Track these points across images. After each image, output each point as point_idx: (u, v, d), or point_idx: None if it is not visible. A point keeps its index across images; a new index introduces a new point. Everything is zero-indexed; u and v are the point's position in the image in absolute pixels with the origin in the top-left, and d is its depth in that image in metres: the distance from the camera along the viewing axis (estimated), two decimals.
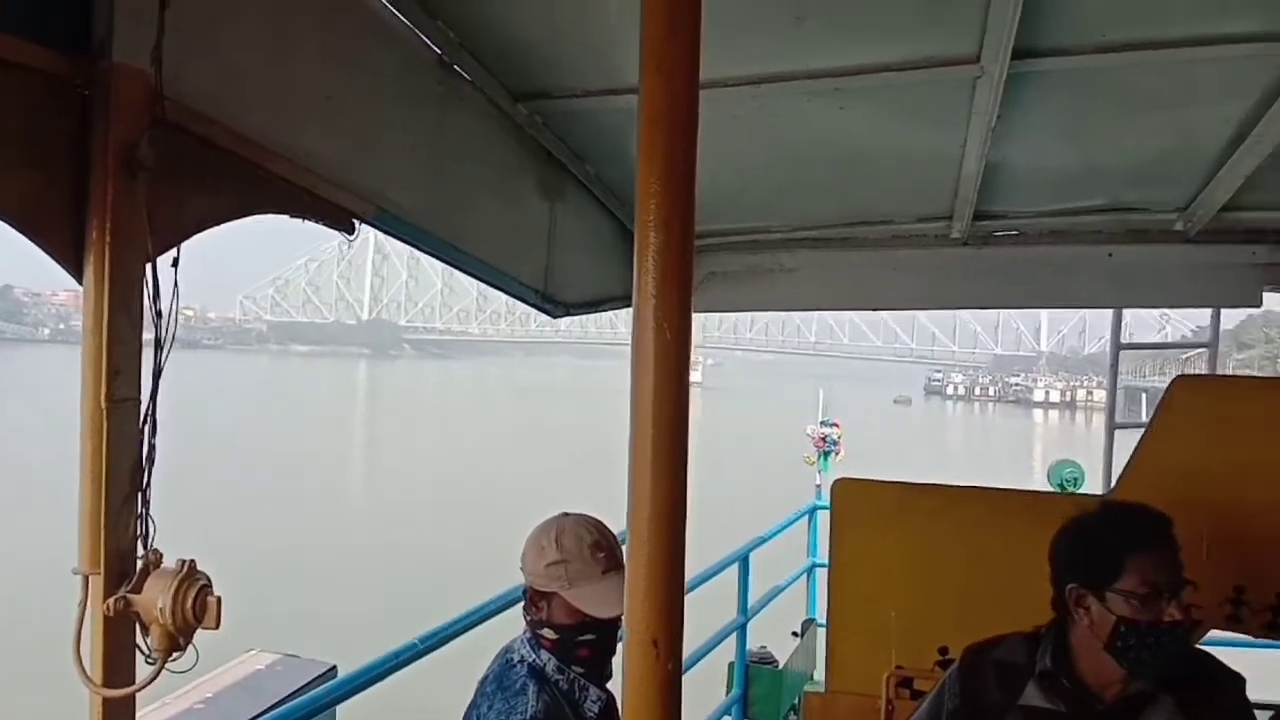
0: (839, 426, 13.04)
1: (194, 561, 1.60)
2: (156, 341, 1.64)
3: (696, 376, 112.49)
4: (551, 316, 3.64)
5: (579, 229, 3.71)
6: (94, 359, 1.58)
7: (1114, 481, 4.18)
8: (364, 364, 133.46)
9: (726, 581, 6.08)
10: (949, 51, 2.80)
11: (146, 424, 1.63)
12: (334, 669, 6.01)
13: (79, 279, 1.59)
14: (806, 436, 12.81)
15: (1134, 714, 2.05)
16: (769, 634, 6.91)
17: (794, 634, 7.11)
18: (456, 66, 2.73)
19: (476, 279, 3.18)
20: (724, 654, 6.23)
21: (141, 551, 1.62)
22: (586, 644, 2.19)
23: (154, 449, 1.64)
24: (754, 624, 6.42)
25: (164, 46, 1.61)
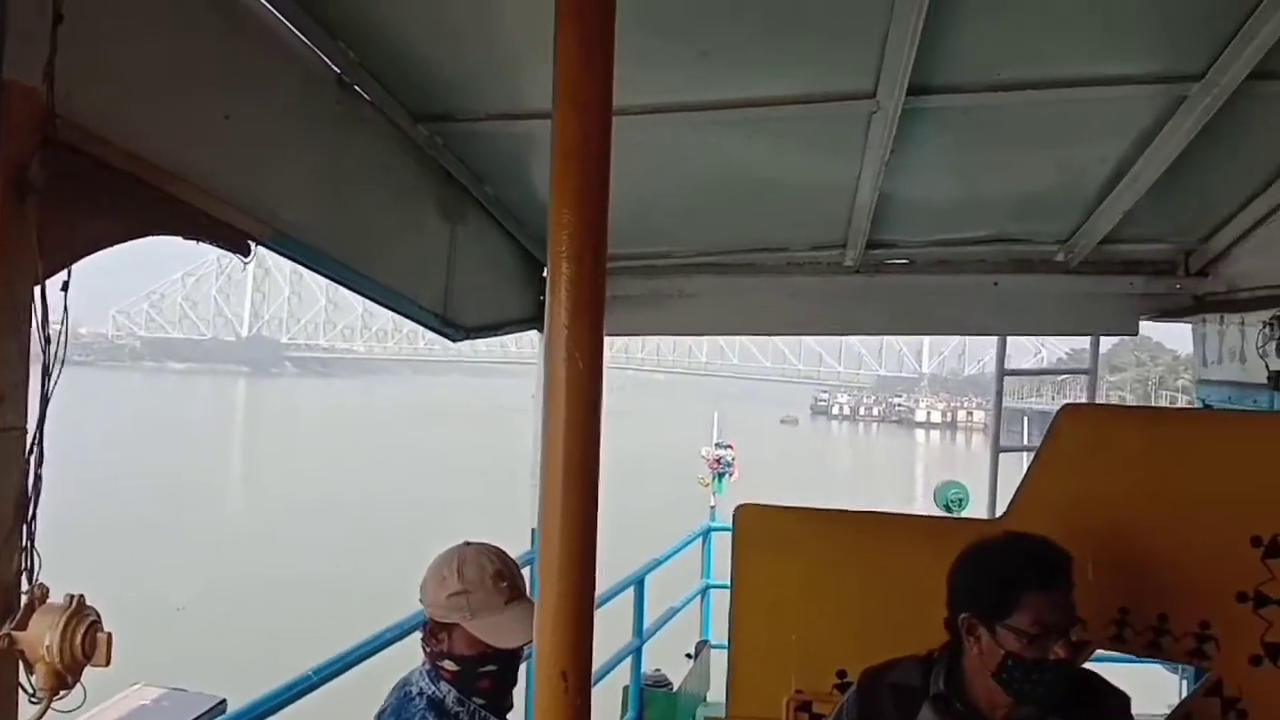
0: (733, 448, 13.14)
1: (83, 597, 1.53)
2: (44, 368, 1.57)
3: None
4: (451, 340, 3.59)
5: (479, 251, 3.68)
6: None
7: (999, 503, 4.33)
8: (243, 382, 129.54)
9: (622, 603, 6.08)
10: (847, 87, 2.88)
11: (33, 453, 1.56)
12: (224, 703, 5.80)
13: None
14: (701, 458, 12.88)
15: None
16: (663, 656, 6.92)
17: (688, 656, 7.13)
18: (356, 86, 2.69)
19: (376, 303, 3.12)
20: (620, 677, 6.23)
21: (26, 586, 1.54)
22: (488, 675, 2.16)
23: (40, 479, 1.56)
24: (648, 646, 6.43)
25: (56, 64, 1.54)
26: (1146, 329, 4.63)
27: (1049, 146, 3.41)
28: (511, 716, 2.27)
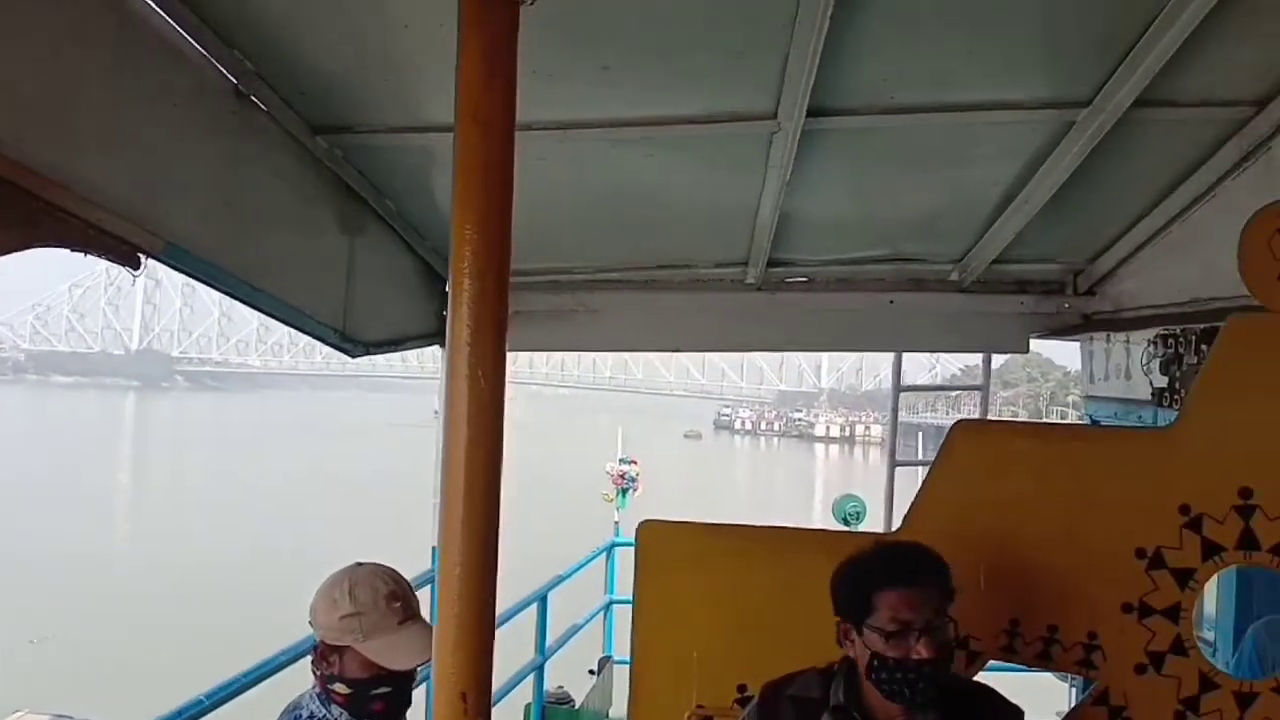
0: (637, 463, 13.18)
1: None
2: None
3: None
4: (350, 355, 3.52)
5: (380, 266, 3.61)
6: None
7: (895, 516, 4.41)
8: (132, 396, 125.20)
9: (525, 620, 6.03)
10: (748, 107, 2.92)
11: None
12: None
13: None
14: (606, 474, 12.89)
15: None
16: (567, 673, 6.89)
17: (591, 672, 7.11)
18: (253, 97, 2.61)
19: (271, 317, 3.04)
20: (523, 695, 6.17)
21: None
22: (381, 697, 2.12)
23: None
24: (552, 663, 6.39)
25: None
26: (1037, 346, 4.79)
27: (943, 168, 3.51)
28: None
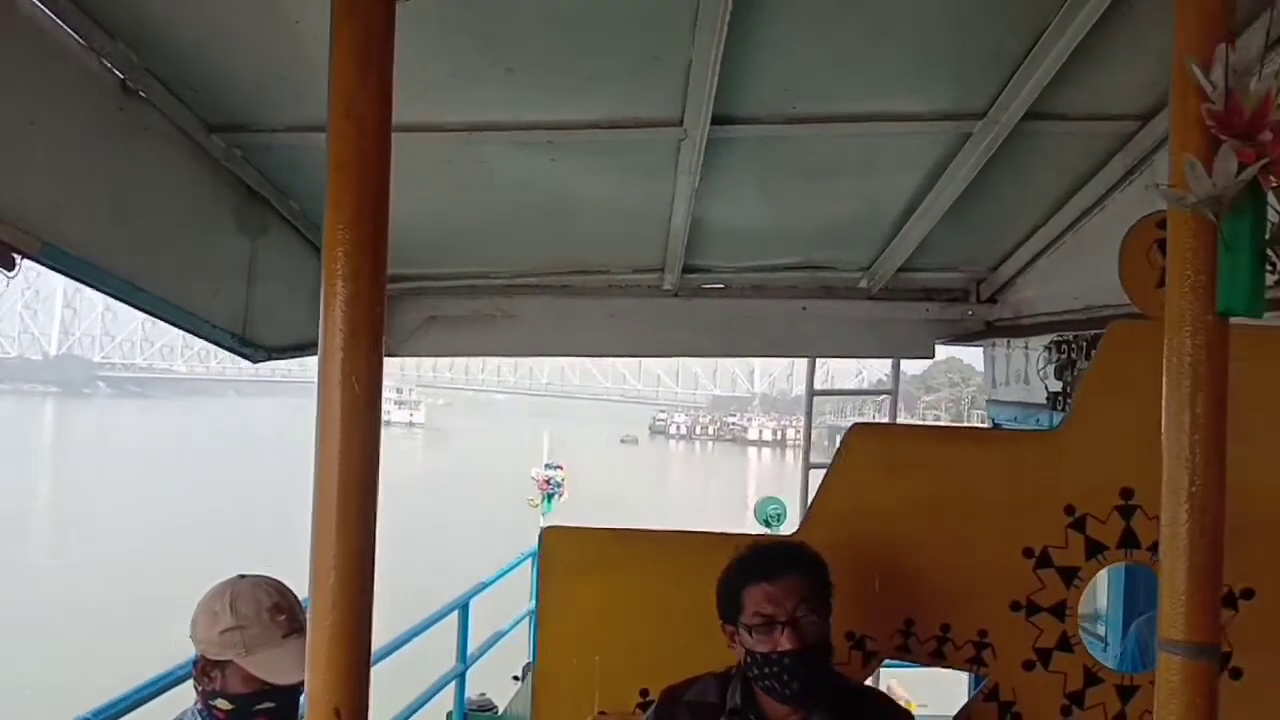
0: (563, 469, 13.18)
1: None
2: None
3: (420, 417, 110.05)
4: (251, 361, 3.46)
5: (283, 268, 3.55)
6: None
7: None
8: (51, 403, 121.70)
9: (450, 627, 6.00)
10: (654, 113, 2.94)
11: None
12: None
13: None
14: (531, 479, 12.87)
15: None
16: (492, 680, 6.85)
17: (515, 678, 7.09)
18: (142, 93, 2.54)
19: (163, 321, 2.96)
20: (445, 702, 6.13)
21: None
22: (265, 712, 2.08)
23: None
24: (475, 671, 6.36)
25: None
26: (956, 353, 4.89)
27: (848, 177, 3.57)
28: None
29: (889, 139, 3.20)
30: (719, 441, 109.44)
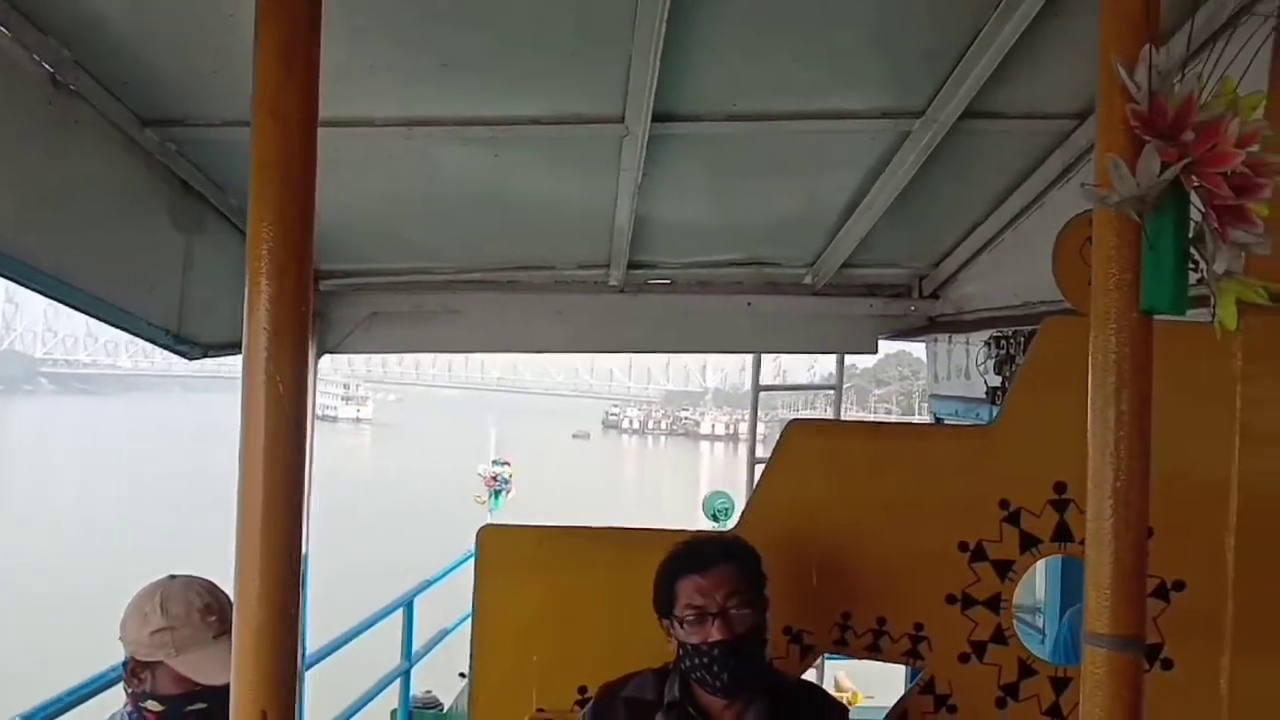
0: (510, 465, 13.15)
1: None
2: None
3: (367, 413, 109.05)
4: (187, 358, 3.40)
5: (220, 264, 3.49)
6: None
7: None
8: None
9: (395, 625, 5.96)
10: (595, 110, 2.93)
11: None
12: None
13: None
14: (479, 476, 12.82)
15: None
16: (438, 677, 6.81)
17: (461, 675, 7.04)
18: (73, 86, 2.49)
19: (95, 318, 2.91)
20: (389, 700, 6.10)
21: None
22: (196, 714, 2.05)
23: None
24: (421, 668, 6.32)
25: None
26: (902, 347, 4.94)
27: (791, 174, 3.58)
28: None
29: (830, 136, 3.21)
30: (672, 436, 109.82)
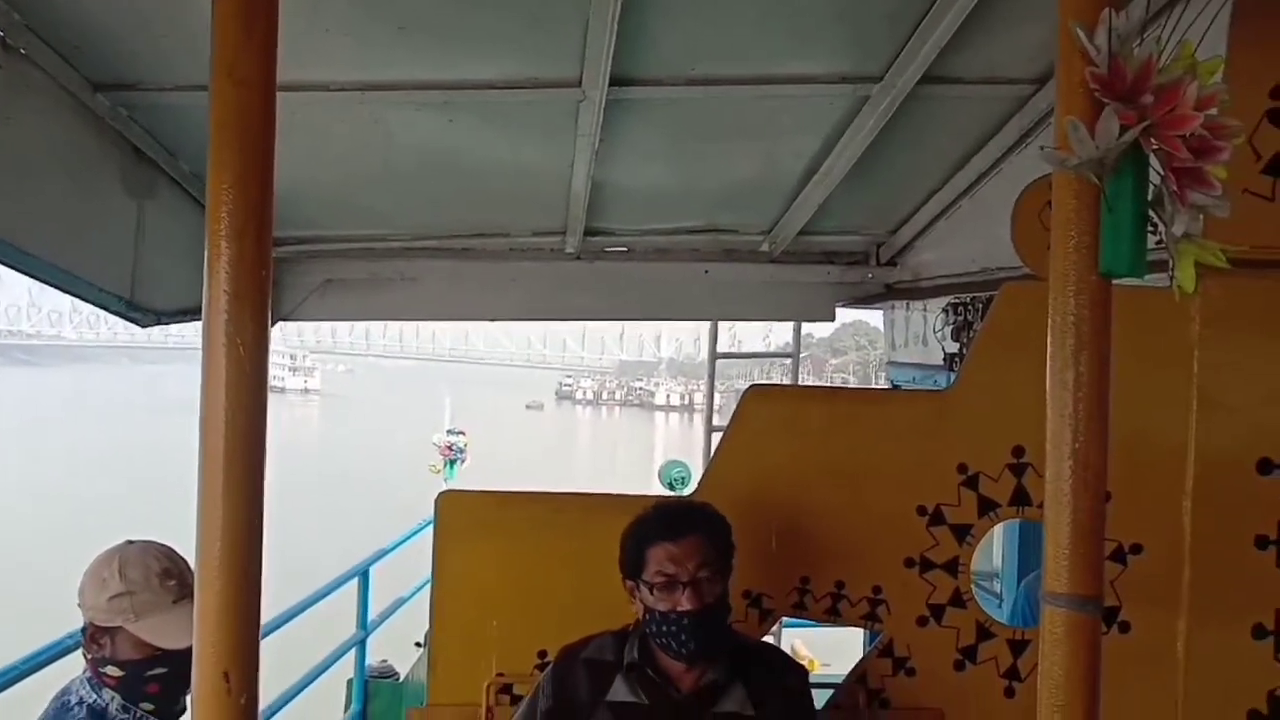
0: (465, 435, 13.12)
1: None
2: None
3: (315, 384, 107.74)
4: (140, 325, 3.35)
5: (173, 231, 3.43)
6: None
7: None
8: None
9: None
10: (552, 74, 2.90)
11: None
12: None
13: None
14: (433, 445, 12.77)
15: (709, 702, 2.21)
16: (394, 646, 6.80)
17: (417, 645, 7.03)
18: (23, 50, 2.43)
19: (46, 284, 2.86)
20: (345, 670, 6.07)
21: None
22: (156, 679, 2.04)
23: None
24: (377, 638, 6.30)
25: None
26: (859, 316, 4.98)
27: (750, 140, 3.57)
28: None
29: (788, 101, 3.21)
30: (626, 407, 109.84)
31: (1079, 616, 1.41)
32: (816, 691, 2.43)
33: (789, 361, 6.05)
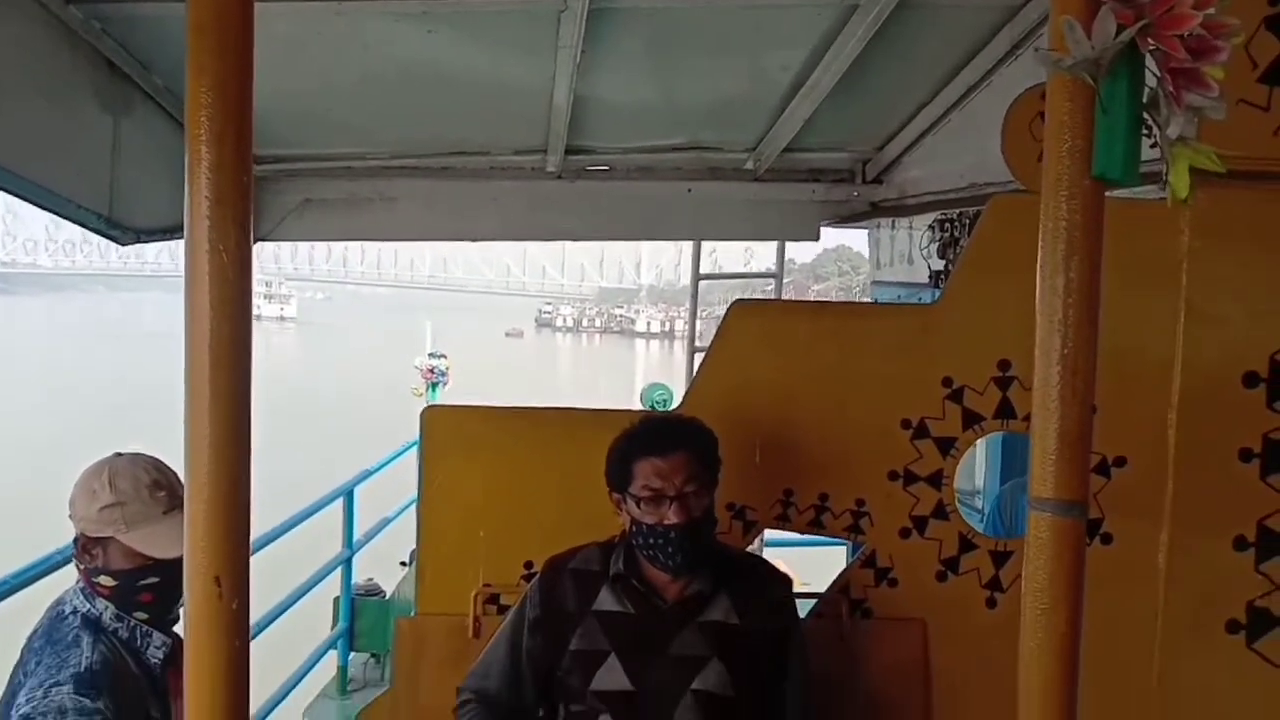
0: (447, 358, 13.10)
1: None
2: None
3: (291, 311, 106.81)
4: (119, 243, 3.30)
5: (150, 147, 3.37)
6: None
7: None
8: None
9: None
10: None
11: None
12: None
13: None
14: (415, 369, 12.75)
15: (694, 611, 2.24)
16: (380, 565, 6.86)
17: (403, 563, 7.11)
18: None
19: (23, 199, 2.81)
20: (331, 588, 6.14)
21: None
22: (149, 588, 2.05)
23: None
24: (363, 557, 6.37)
25: None
26: (843, 240, 4.96)
27: (735, 53, 3.52)
28: (179, 629, 2.16)
29: (775, 12, 3.16)
30: (607, 334, 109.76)
31: (1064, 521, 1.42)
32: (799, 602, 2.47)
33: (771, 286, 6.03)
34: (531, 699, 2.32)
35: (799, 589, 2.55)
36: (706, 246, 6.06)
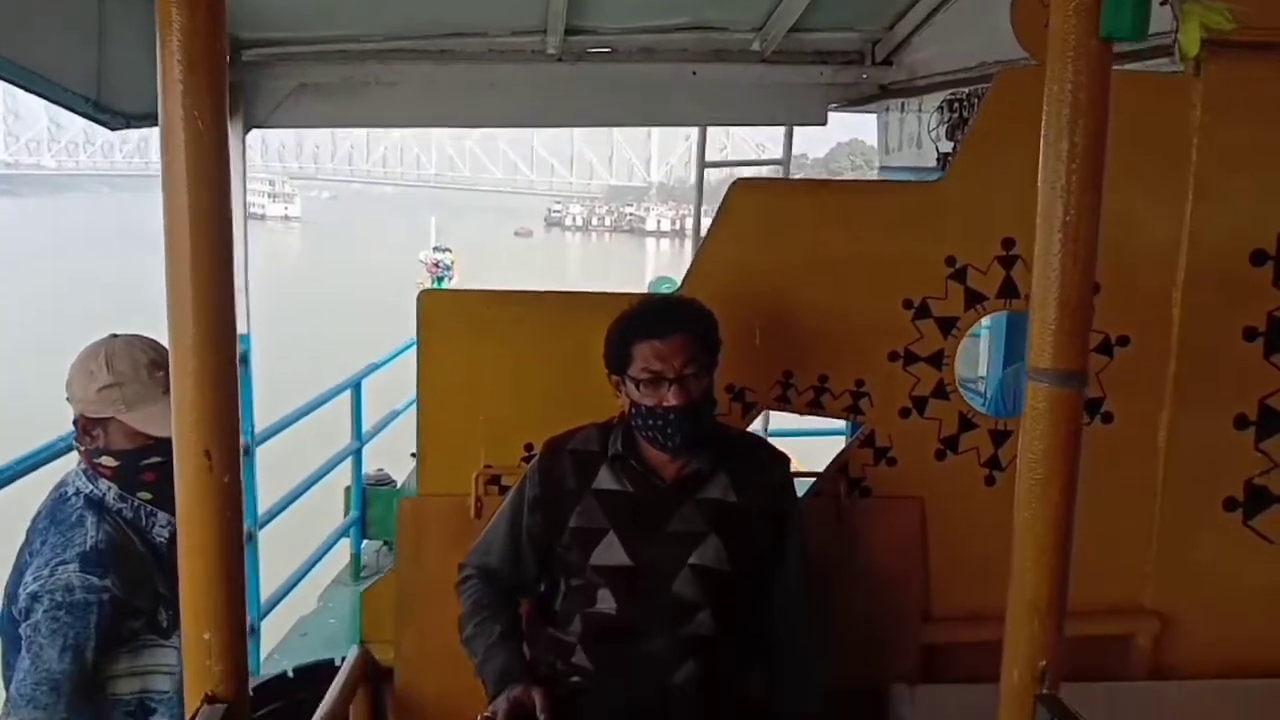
0: (451, 251, 13.07)
1: None
2: None
3: (295, 210, 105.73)
4: (109, 128, 3.25)
5: (139, 28, 3.27)
6: None
7: None
8: None
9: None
10: None
11: None
12: None
13: None
14: (420, 263, 12.73)
15: (693, 490, 2.25)
16: (390, 457, 6.94)
17: (413, 455, 7.17)
18: None
19: (10, 83, 2.76)
20: (342, 478, 6.23)
21: None
22: (152, 467, 2.06)
23: None
24: (373, 449, 6.44)
25: None
26: (856, 133, 4.84)
27: None
28: None
29: None
30: (616, 233, 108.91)
31: (1061, 392, 1.40)
32: (798, 481, 2.47)
33: (779, 171, 5.94)
34: (532, 575, 2.35)
35: (796, 469, 2.55)
36: (717, 141, 5.96)
